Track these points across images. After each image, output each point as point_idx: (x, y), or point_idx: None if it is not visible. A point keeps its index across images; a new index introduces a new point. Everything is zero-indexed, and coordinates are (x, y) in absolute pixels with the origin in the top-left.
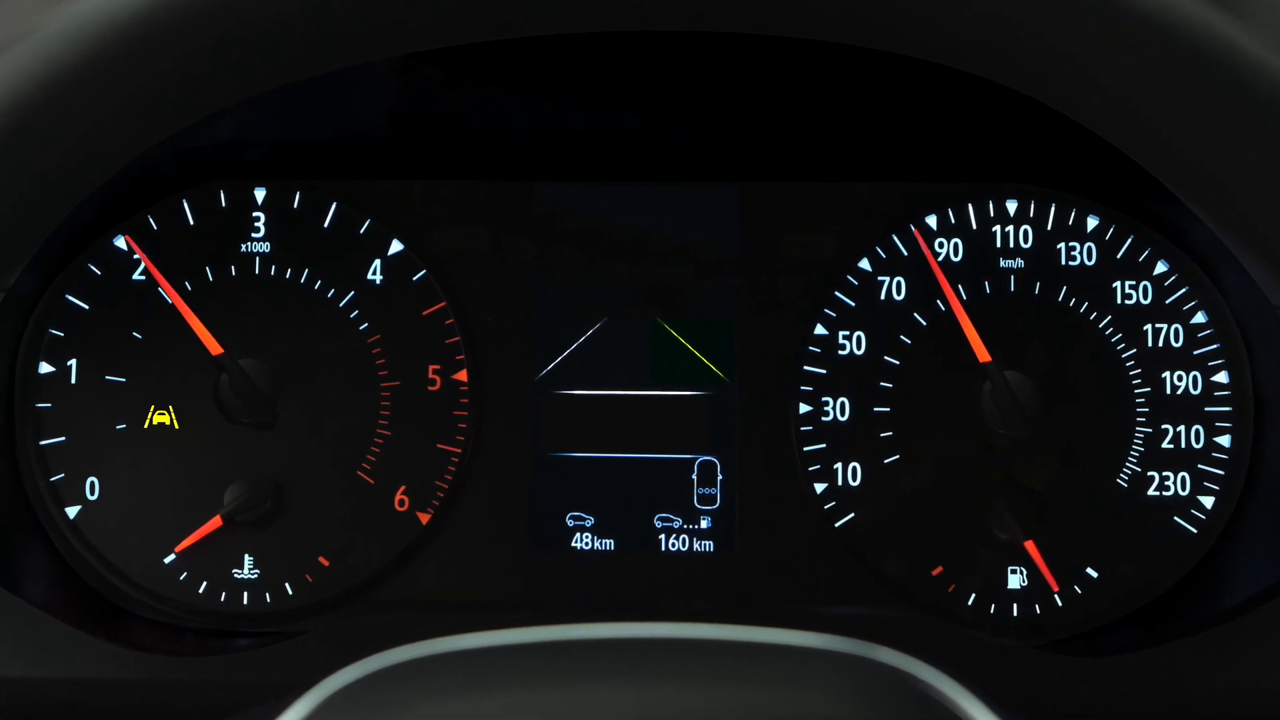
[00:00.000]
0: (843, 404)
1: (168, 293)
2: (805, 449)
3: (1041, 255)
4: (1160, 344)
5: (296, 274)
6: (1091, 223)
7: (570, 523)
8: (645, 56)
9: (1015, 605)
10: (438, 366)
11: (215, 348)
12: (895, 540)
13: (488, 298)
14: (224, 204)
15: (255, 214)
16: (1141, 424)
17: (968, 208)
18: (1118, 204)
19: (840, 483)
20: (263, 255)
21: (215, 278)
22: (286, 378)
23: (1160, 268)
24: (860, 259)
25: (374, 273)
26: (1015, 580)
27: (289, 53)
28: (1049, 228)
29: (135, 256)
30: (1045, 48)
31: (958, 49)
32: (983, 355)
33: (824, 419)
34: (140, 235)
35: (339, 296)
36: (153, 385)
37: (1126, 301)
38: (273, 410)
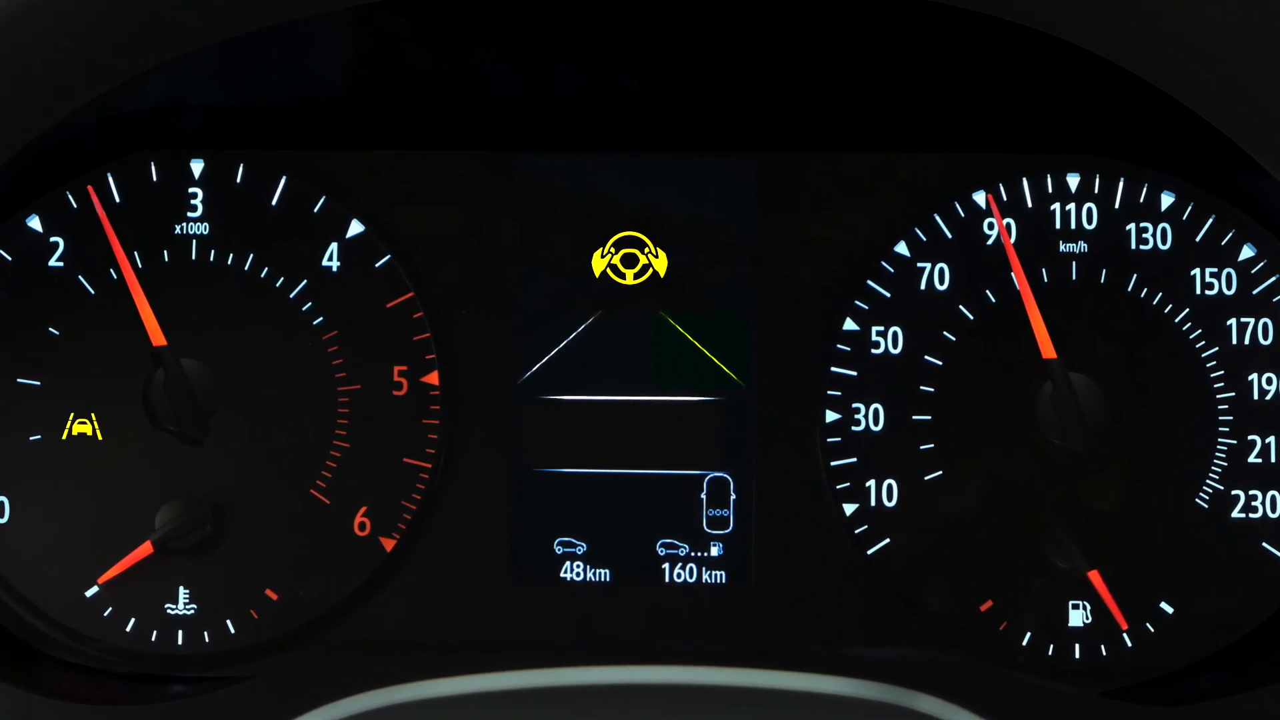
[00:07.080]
0: (876, 411)
1: (123, 268)
2: (832, 464)
3: (1108, 238)
4: (1246, 341)
5: (240, 260)
6: (1166, 200)
7: (559, 549)
8: (646, 8)
9: (1077, 646)
10: (404, 367)
11: (159, 338)
12: (937, 570)
13: (463, 287)
14: (155, 178)
15: (192, 190)
16: (1224, 434)
17: (1022, 183)
18: (1196, 179)
19: (873, 503)
20: (200, 238)
21: (145, 264)
22: (229, 381)
23: (1246, 253)
24: (897, 242)
25: (330, 258)
26: (1077, 617)
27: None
28: (1117, 206)
29: (52, 239)
30: None
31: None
32: (1048, 350)
33: (854, 429)
34: (58, 215)
35: (289, 286)
36: (73, 390)
37: (1207, 292)
38: (204, 425)
